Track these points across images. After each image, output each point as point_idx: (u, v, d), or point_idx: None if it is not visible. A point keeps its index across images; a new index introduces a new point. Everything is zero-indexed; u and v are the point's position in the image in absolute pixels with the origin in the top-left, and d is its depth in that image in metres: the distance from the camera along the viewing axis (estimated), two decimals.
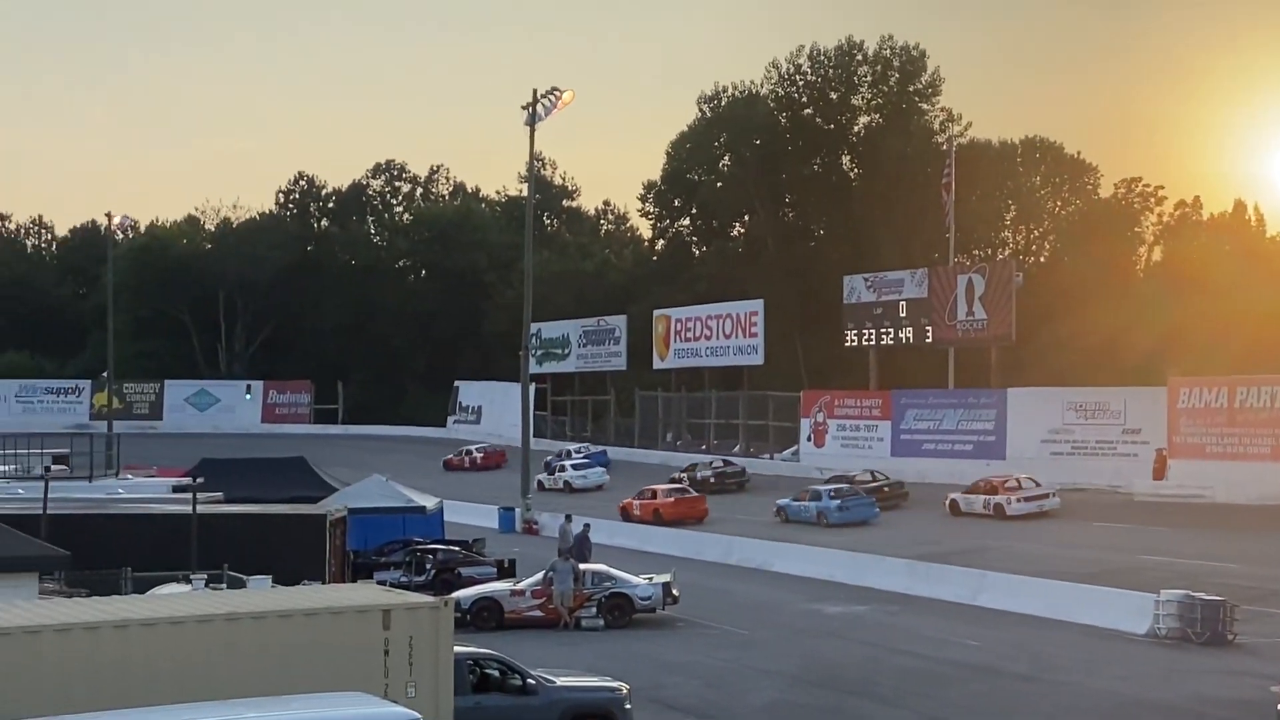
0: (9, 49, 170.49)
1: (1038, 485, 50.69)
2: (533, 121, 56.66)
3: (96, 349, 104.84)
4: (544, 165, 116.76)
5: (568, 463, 70.83)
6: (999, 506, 49.65)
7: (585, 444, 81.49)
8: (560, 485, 67.65)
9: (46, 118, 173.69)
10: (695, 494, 56.42)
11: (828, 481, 55.68)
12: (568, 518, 40.83)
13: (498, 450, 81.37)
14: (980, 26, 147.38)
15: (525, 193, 78.66)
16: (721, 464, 66.65)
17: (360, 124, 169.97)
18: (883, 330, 71.28)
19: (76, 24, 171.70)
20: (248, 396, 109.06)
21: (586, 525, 39.89)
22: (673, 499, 54.17)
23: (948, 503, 51.73)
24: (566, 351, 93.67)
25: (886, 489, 54.97)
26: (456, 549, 38.57)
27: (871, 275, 72.92)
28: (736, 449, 76.56)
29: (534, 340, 76.09)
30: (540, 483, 66.46)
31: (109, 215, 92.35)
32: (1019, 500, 49.59)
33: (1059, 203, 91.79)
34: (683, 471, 64.61)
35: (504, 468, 76.55)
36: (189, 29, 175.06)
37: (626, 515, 53.79)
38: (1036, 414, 60.40)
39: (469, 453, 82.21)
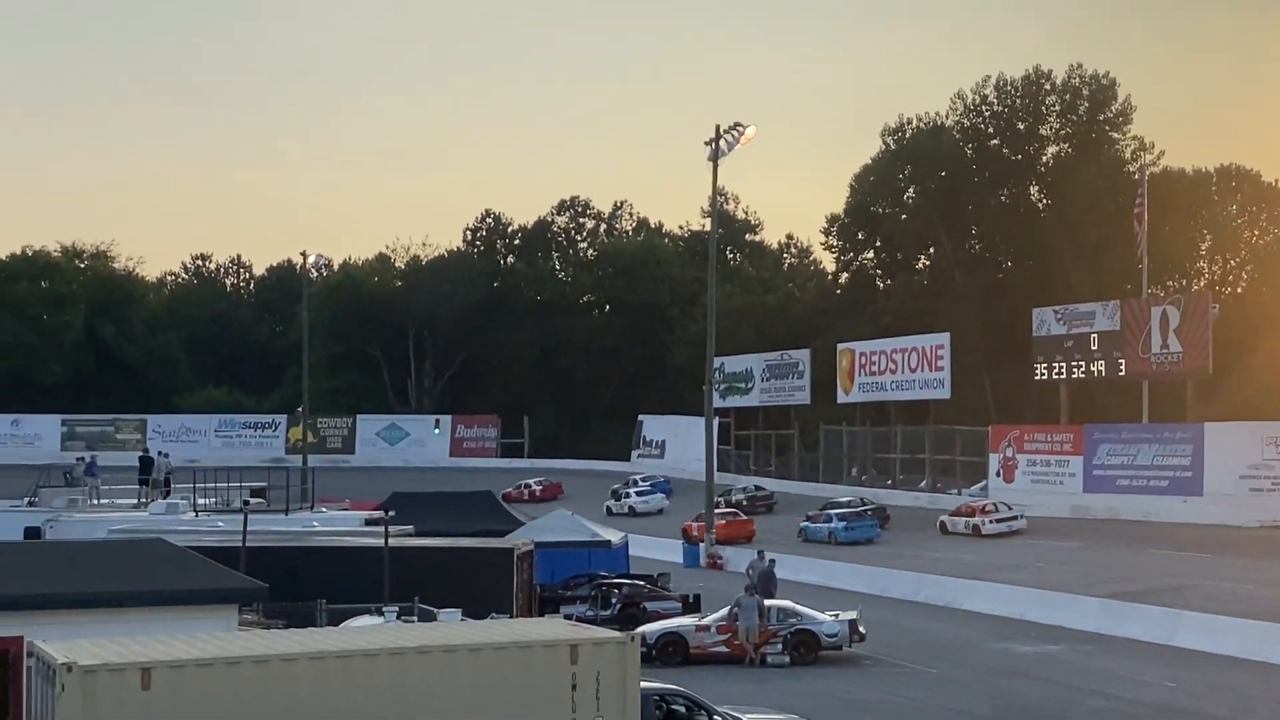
0: (210, 96, 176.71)
1: (1010, 509, 59.79)
2: (716, 157, 56.86)
3: (292, 385, 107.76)
4: (727, 200, 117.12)
5: (632, 489, 78.73)
6: (976, 527, 58.64)
7: (652, 477, 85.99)
8: (625, 510, 74.22)
9: (246, 161, 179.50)
10: (745, 517, 63.79)
11: (825, 507, 63.64)
12: (760, 554, 40.67)
13: (554, 483, 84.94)
14: (1173, 54, 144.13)
15: (708, 227, 78.79)
16: (754, 489, 76.44)
17: (545, 162, 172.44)
18: (1073, 363, 69.87)
19: (274, 70, 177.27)
20: (436, 431, 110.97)
21: (772, 560, 39.67)
22: (724, 521, 60.09)
23: (938, 523, 60.34)
24: (750, 385, 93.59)
25: (870, 512, 62.44)
26: (642, 583, 38.67)
27: (1061, 308, 71.59)
28: (923, 484, 75.67)
29: (717, 374, 76.16)
30: (608, 508, 73.66)
31: (304, 254, 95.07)
32: (992, 522, 58.68)
33: (1256, 232, 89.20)
34: (720, 496, 68.39)
35: (559, 500, 79.26)
36: (381, 73, 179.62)
37: (687, 536, 58.85)
38: (1235, 449, 58.60)
39: (527, 486, 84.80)
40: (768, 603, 32.73)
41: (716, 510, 60.40)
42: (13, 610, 19.60)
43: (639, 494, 78.19)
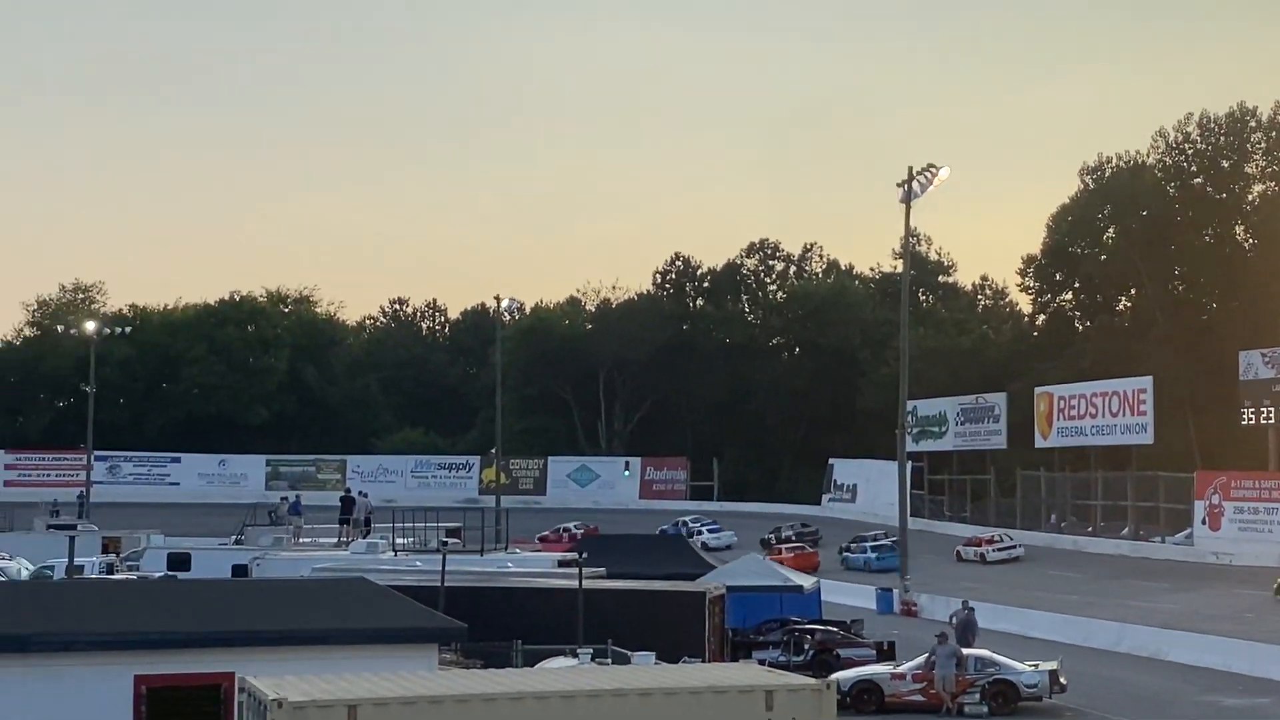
0: (405, 146, 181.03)
1: (1009, 539, 72.94)
2: (908, 198, 56.36)
3: (485, 426, 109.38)
4: (919, 241, 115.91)
5: (704, 526, 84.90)
6: (982, 555, 70.64)
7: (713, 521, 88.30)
8: (699, 546, 73.42)
9: (441, 207, 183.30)
10: (811, 549, 72.42)
11: (856, 539, 73.97)
12: (963, 603, 39.95)
13: (593, 527, 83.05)
14: None
15: (900, 269, 78.16)
16: (800, 526, 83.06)
17: (735, 205, 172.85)
18: None
19: (467, 119, 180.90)
20: (626, 473, 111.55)
21: (971, 609, 38.97)
22: (793, 554, 67.04)
23: (955, 552, 72.03)
24: (943, 429, 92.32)
25: (894, 544, 66.20)
26: (835, 629, 38.29)
27: (1270, 350, 69.37)
28: (1125, 531, 73.75)
29: (910, 418, 75.28)
30: None
31: (497, 298, 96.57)
32: (995, 550, 71.12)
33: None
34: (770, 533, 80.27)
35: None
36: (572, 119, 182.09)
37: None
38: None
39: (567, 529, 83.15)
40: (966, 651, 32.17)
41: (787, 544, 71.68)
42: (224, 646, 20.20)
43: (710, 530, 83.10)
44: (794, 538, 78.66)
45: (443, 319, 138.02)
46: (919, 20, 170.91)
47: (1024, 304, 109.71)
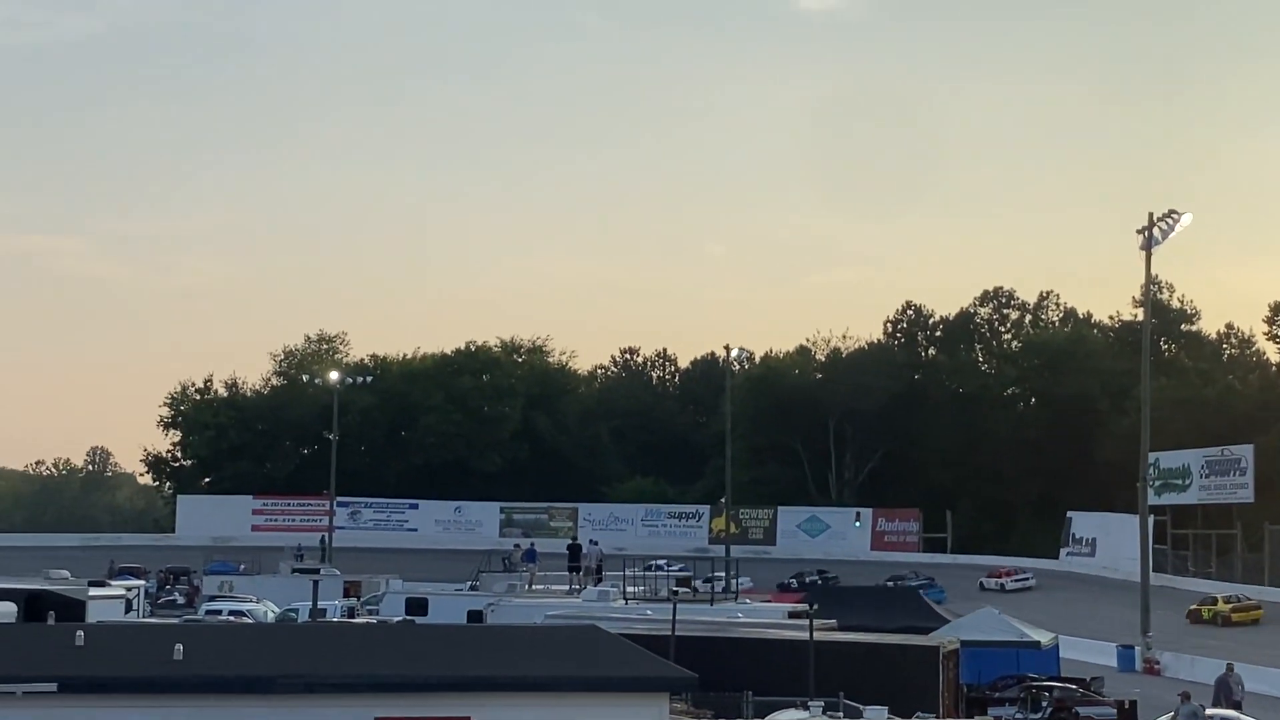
0: (638, 195, 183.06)
1: (1023, 572, 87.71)
2: (1149, 246, 54.95)
3: (714, 475, 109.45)
4: (1160, 289, 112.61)
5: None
6: (1002, 585, 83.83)
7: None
8: None
9: (671, 258, 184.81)
10: None
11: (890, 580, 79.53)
12: (1228, 666, 38.40)
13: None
14: None
15: (1140, 317, 75.99)
16: (816, 572, 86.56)
17: (967, 253, 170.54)
18: None
19: (692, 172, 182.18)
20: (857, 524, 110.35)
21: (1229, 665, 37.45)
22: None
23: (979, 583, 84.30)
24: (1187, 482, 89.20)
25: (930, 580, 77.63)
26: (1074, 687, 37.25)
27: None
28: None
29: (1152, 470, 72.98)
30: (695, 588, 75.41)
31: (727, 348, 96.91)
32: (1013, 581, 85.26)
33: None
34: (793, 576, 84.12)
35: None
36: (797, 171, 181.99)
37: None
38: None
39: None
40: (1209, 711, 30.94)
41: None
42: (461, 690, 20.54)
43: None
44: (819, 581, 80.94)
45: (673, 368, 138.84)
46: (1161, 63, 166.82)
47: (1271, 353, 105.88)
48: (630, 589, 45.61)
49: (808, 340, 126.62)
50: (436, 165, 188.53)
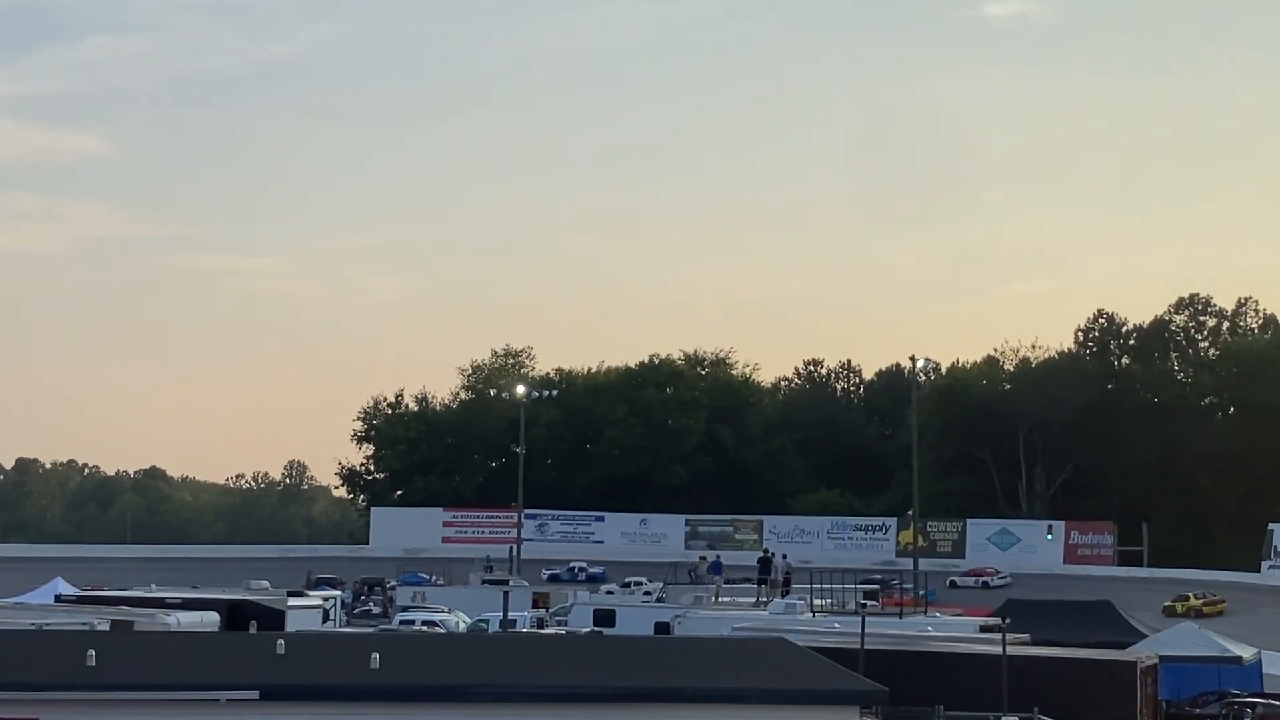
0: (818, 207, 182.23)
1: (998, 572, 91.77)
2: None
3: (901, 488, 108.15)
4: None
5: None
6: (986, 583, 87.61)
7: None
8: None
9: (855, 268, 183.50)
10: None
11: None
12: None
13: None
14: None
15: None
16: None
17: (1161, 259, 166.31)
18: None
19: (877, 177, 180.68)
20: (1049, 537, 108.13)
21: None
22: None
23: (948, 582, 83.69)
24: None
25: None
26: (1278, 704, 36.04)
27: None
28: None
29: None
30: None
31: (912, 358, 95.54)
32: (995, 580, 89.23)
33: None
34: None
35: None
36: (987, 174, 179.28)
37: None
38: None
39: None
40: None
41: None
42: (649, 701, 20.65)
43: None
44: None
45: (857, 380, 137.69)
46: None
47: None
48: (818, 601, 45.35)
49: (995, 350, 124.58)
50: (620, 179, 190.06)
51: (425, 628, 50.71)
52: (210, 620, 38.85)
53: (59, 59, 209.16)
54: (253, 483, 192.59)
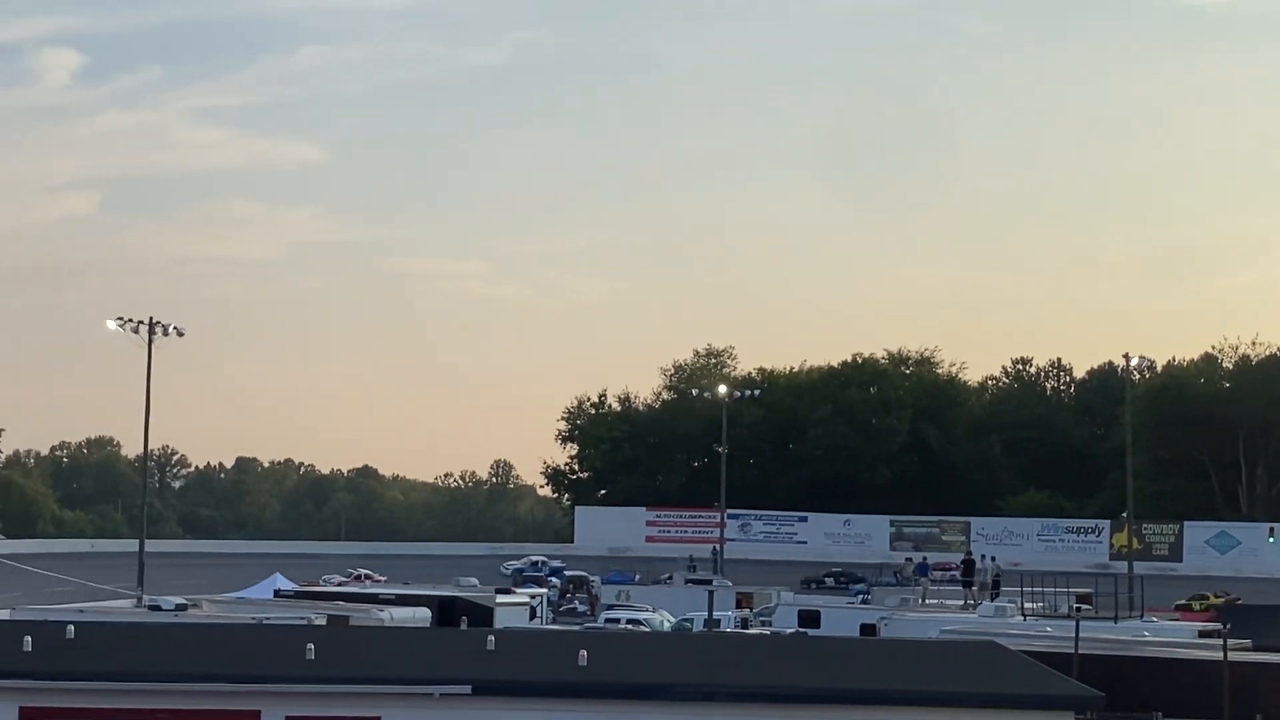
0: (1018, 200, 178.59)
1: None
2: None
3: (1114, 489, 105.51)
4: None
5: None
6: (953, 577, 66.56)
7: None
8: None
9: (1064, 264, 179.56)
10: None
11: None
12: None
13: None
14: None
15: None
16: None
17: None
18: None
19: (1090, 170, 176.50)
20: (1270, 540, 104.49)
21: None
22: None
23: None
24: None
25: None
26: None
27: None
28: None
29: None
30: None
31: (1126, 356, 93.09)
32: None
33: None
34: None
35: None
36: (1202, 166, 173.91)
37: None
38: None
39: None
40: None
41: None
42: (856, 703, 20.46)
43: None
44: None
45: (1068, 378, 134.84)
46: None
47: None
48: (1029, 605, 44.41)
49: (1213, 348, 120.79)
50: (821, 176, 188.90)
51: (630, 626, 51.00)
52: (422, 616, 39.61)
53: (274, 70, 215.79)
54: (460, 481, 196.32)
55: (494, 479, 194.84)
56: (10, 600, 59.52)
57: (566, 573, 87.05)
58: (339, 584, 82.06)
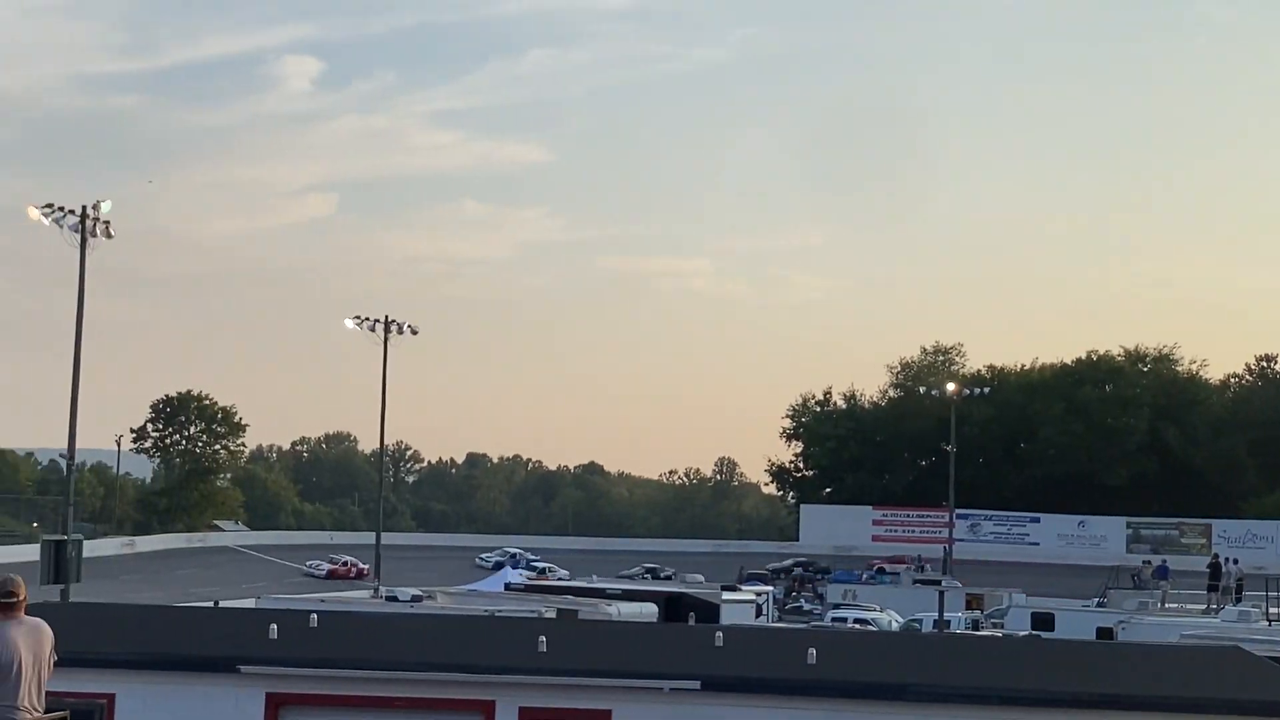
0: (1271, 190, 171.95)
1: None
2: None
3: None
4: None
5: None
6: (897, 573, 79.25)
7: None
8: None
9: None
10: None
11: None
12: None
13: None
14: None
15: None
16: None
17: None
18: None
19: None
20: None
21: None
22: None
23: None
24: None
25: None
26: None
27: None
28: None
29: None
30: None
31: None
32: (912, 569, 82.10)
33: None
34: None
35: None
36: None
37: None
38: None
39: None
40: None
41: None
42: (1093, 707, 19.89)
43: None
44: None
45: None
46: None
47: None
48: (1275, 610, 42.83)
49: None
50: (1057, 173, 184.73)
51: (857, 625, 50.67)
52: (649, 611, 39.92)
53: (502, 73, 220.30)
54: (685, 479, 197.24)
55: (718, 476, 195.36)
56: (256, 590, 61.86)
57: (796, 570, 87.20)
58: (327, 571, 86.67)
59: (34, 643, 9.65)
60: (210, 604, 44.39)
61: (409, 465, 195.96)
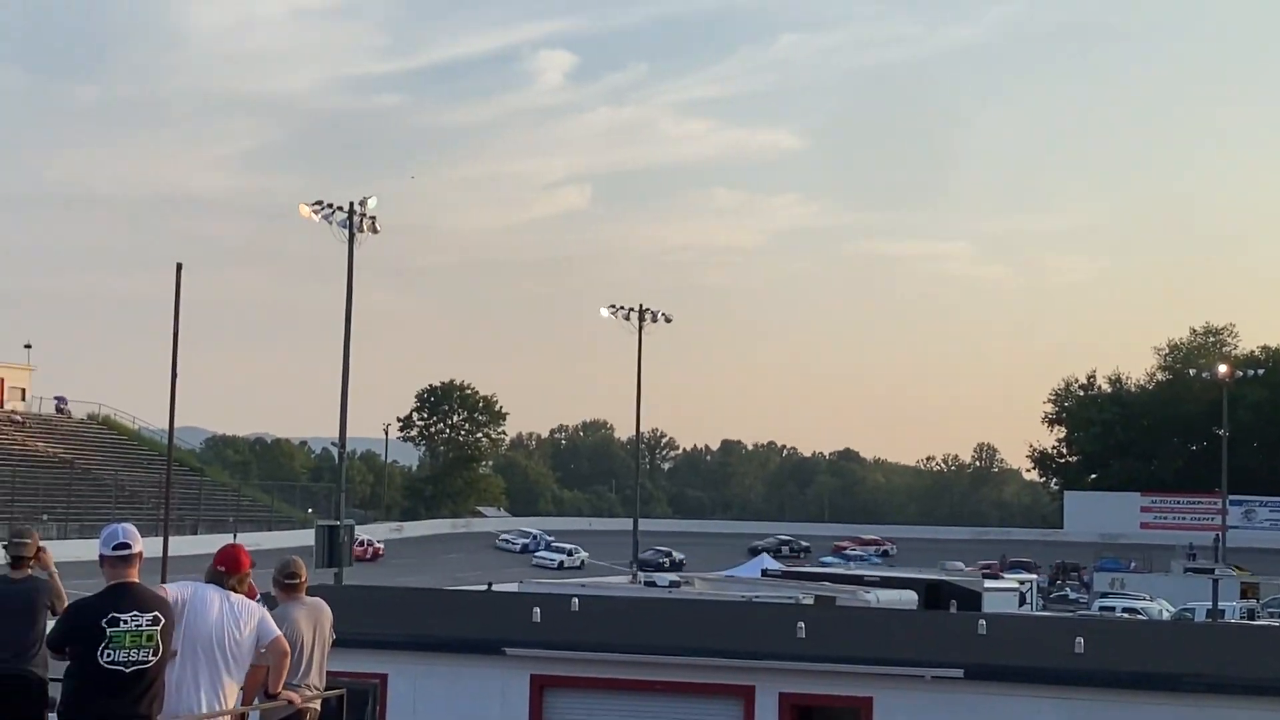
0: None
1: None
2: None
3: None
4: None
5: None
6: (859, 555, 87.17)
7: None
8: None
9: None
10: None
11: None
12: None
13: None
14: None
15: None
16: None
17: None
18: None
19: None
20: None
21: None
22: None
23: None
24: None
25: None
26: None
27: None
28: None
29: None
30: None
31: None
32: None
33: None
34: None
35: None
36: None
37: None
38: None
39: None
40: None
41: None
42: None
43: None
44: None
45: None
46: None
47: None
48: None
49: None
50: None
51: (1126, 615, 49.30)
52: (908, 599, 39.49)
53: (753, 59, 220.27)
54: (943, 465, 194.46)
55: (977, 462, 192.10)
56: (519, 574, 63.22)
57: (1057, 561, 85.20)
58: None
59: (315, 622, 10.00)
60: (483, 587, 45.58)
61: (664, 452, 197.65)
